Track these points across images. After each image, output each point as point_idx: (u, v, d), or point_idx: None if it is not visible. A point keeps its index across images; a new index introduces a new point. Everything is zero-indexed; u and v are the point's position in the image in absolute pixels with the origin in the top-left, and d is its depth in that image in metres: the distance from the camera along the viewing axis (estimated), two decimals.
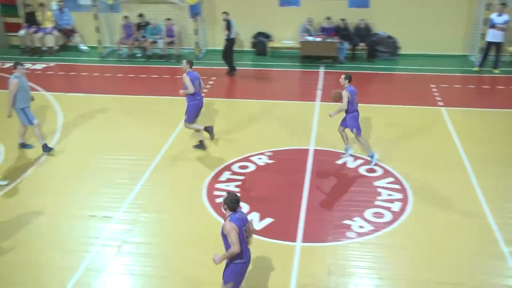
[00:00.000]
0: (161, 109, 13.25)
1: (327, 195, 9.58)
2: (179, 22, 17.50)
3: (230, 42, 15.34)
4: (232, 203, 6.14)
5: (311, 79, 15.45)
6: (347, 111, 10.21)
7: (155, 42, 17.28)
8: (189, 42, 17.77)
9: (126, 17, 17.35)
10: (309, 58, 16.92)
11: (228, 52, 15.48)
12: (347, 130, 10.61)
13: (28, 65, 16.43)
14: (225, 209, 6.21)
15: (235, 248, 6.03)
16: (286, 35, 17.58)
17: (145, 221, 8.88)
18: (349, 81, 10.15)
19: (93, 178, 10.22)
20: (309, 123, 12.45)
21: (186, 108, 10.74)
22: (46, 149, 11.04)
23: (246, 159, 10.80)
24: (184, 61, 10.70)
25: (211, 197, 9.46)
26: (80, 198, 9.55)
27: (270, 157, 10.89)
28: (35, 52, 17.89)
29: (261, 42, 17.64)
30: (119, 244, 8.29)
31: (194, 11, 16.88)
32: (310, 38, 16.72)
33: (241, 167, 10.49)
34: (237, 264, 6.23)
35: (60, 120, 12.81)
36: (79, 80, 15.87)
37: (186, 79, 10.49)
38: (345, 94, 10.04)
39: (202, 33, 17.63)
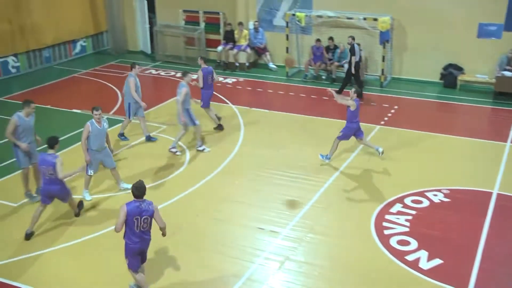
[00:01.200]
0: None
1: (508, 245, 8.75)
2: (367, 48, 17.48)
3: (355, 66, 15.61)
4: (134, 189, 7.08)
5: (504, 118, 14.29)
6: None
7: (341, 66, 17.48)
8: (374, 68, 17.64)
9: (318, 40, 17.80)
10: (504, 95, 15.68)
11: (350, 76, 15.83)
12: None
13: (220, 78, 17.77)
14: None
15: (116, 227, 7.11)
16: (480, 69, 16.51)
17: (310, 242, 8.98)
18: None
19: (266, 192, 10.63)
20: (496, 165, 11.53)
21: (202, 96, 13.15)
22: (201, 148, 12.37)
23: (421, 193, 10.36)
24: (199, 57, 13.24)
25: (379, 228, 9.24)
26: (252, 209, 10.00)
27: (446, 195, 10.30)
28: (228, 67, 19.27)
29: (451, 74, 16.81)
30: (282, 260, 8.50)
31: (384, 38, 16.74)
32: (509, 74, 15.50)
33: (414, 202, 10.09)
34: (126, 243, 7.22)
35: (242, 132, 13.60)
36: (264, 96, 16.68)
37: (200, 74, 12.94)
38: None
39: (389, 60, 17.39)
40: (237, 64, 19.22)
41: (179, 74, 17.71)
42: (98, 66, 19.87)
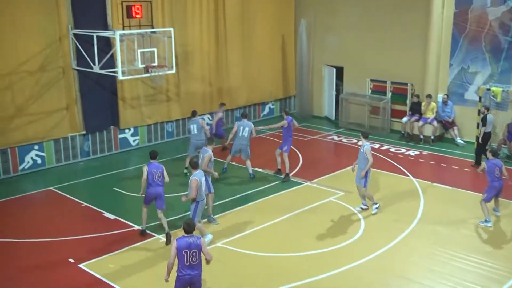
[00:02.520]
0: None
1: None
2: None
3: (485, 136, 15.65)
4: (185, 226, 7.85)
5: None
6: None
7: None
8: None
9: None
10: None
11: (482, 147, 15.70)
12: None
13: (402, 150, 17.38)
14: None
15: (169, 261, 7.89)
16: None
17: None
18: None
19: (442, 273, 9.95)
20: None
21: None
22: None
23: None
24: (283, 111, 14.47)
25: None
26: None
27: None
28: (412, 139, 18.80)
29: None
30: None
31: None
32: None
33: None
34: (177, 276, 7.88)
35: (421, 207, 13.01)
36: (448, 172, 15.89)
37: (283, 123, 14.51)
38: None
39: None
40: (422, 137, 18.66)
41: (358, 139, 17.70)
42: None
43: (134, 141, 18.18)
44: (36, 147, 15.88)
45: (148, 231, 11.71)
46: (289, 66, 22.86)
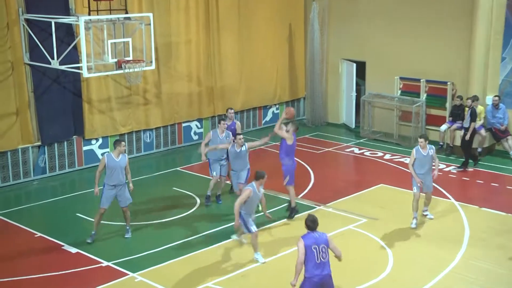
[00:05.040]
0: None
1: None
2: None
3: (472, 133, 16.92)
4: (310, 222, 8.96)
5: None
6: None
7: None
8: None
9: None
10: None
11: (467, 144, 17.11)
12: None
13: (441, 165, 17.20)
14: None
15: (298, 262, 8.85)
16: None
17: None
18: None
19: None
20: None
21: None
22: None
23: None
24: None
25: None
26: None
27: None
28: (454, 152, 18.60)
29: None
30: None
31: None
32: None
33: None
34: (306, 279, 8.85)
35: (466, 240, 12.85)
36: (500, 194, 15.74)
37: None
38: None
39: None
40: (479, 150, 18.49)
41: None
42: None
43: (102, 154, 17.97)
44: None
45: (118, 267, 11.58)
46: (297, 61, 22.87)
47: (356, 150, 19.43)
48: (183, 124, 19.90)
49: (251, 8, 21.01)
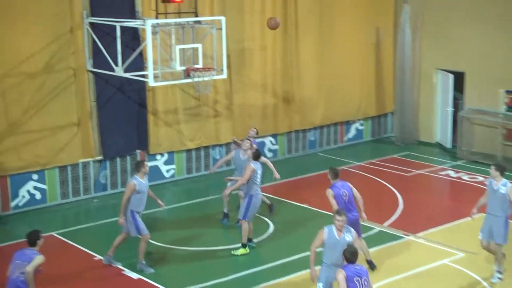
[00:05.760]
0: None
1: None
2: None
3: None
4: (349, 255, 9.09)
5: None
6: None
7: None
8: None
9: None
10: None
11: None
12: None
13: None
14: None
15: None
16: None
17: None
18: None
19: None
20: None
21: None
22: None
23: None
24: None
25: None
26: None
27: None
28: None
29: None
30: None
31: None
32: None
33: None
34: None
35: None
36: None
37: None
38: None
39: None
40: None
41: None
42: (376, 159, 20.47)
43: (168, 171, 18.26)
44: (35, 176, 16.08)
45: None
46: (385, 71, 22.72)
47: (452, 174, 19.04)
48: (256, 139, 19.66)
49: (334, 10, 20.92)
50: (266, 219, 15.20)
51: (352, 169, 19.20)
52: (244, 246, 13.34)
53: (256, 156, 13.50)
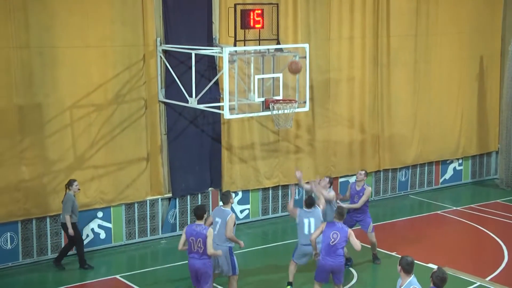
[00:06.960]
0: None
1: None
2: None
3: None
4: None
5: None
6: None
7: None
8: None
9: None
10: None
11: None
12: None
13: None
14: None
15: None
16: None
17: None
18: None
19: None
20: None
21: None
22: None
23: None
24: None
25: None
26: None
27: None
28: None
29: None
30: None
31: None
32: None
33: None
34: None
35: None
36: None
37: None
38: None
39: None
40: None
41: None
42: (476, 203, 20.27)
43: (242, 211, 18.54)
44: (100, 214, 16.50)
45: None
46: (489, 105, 22.60)
47: None
48: (340, 179, 19.92)
49: (431, 36, 20.95)
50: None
51: (448, 214, 19.08)
52: None
53: (308, 204, 13.69)
